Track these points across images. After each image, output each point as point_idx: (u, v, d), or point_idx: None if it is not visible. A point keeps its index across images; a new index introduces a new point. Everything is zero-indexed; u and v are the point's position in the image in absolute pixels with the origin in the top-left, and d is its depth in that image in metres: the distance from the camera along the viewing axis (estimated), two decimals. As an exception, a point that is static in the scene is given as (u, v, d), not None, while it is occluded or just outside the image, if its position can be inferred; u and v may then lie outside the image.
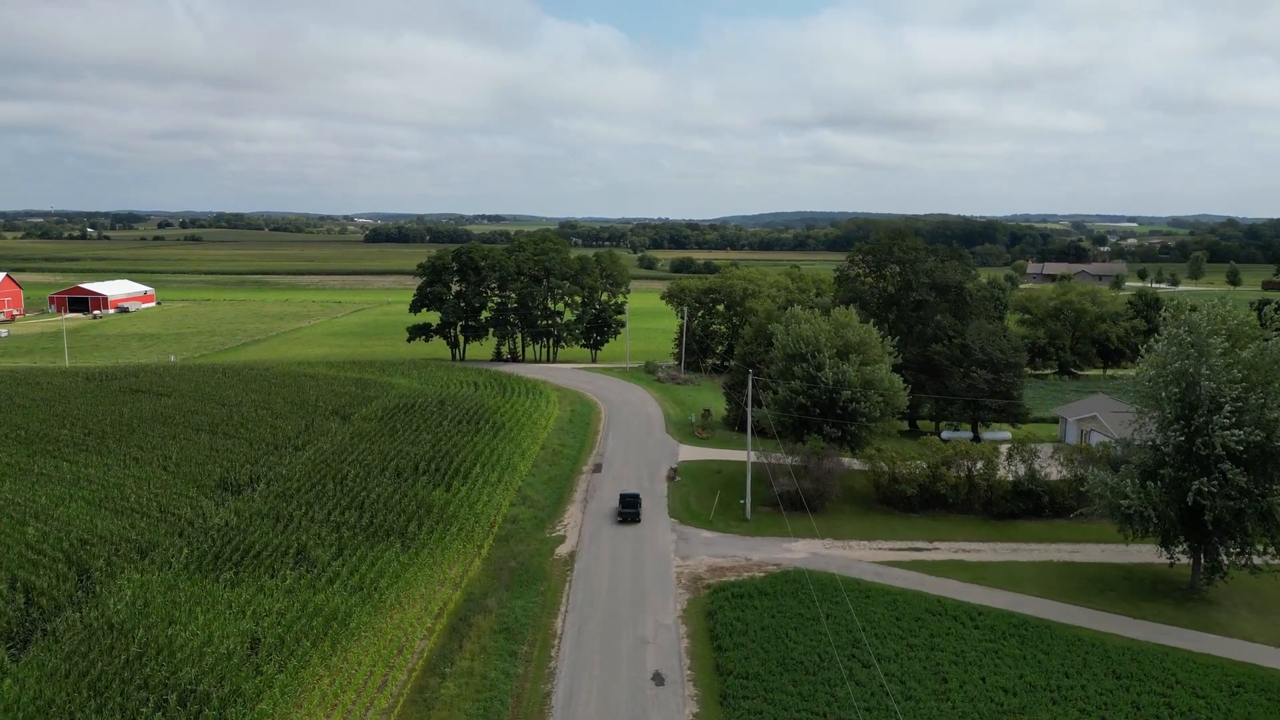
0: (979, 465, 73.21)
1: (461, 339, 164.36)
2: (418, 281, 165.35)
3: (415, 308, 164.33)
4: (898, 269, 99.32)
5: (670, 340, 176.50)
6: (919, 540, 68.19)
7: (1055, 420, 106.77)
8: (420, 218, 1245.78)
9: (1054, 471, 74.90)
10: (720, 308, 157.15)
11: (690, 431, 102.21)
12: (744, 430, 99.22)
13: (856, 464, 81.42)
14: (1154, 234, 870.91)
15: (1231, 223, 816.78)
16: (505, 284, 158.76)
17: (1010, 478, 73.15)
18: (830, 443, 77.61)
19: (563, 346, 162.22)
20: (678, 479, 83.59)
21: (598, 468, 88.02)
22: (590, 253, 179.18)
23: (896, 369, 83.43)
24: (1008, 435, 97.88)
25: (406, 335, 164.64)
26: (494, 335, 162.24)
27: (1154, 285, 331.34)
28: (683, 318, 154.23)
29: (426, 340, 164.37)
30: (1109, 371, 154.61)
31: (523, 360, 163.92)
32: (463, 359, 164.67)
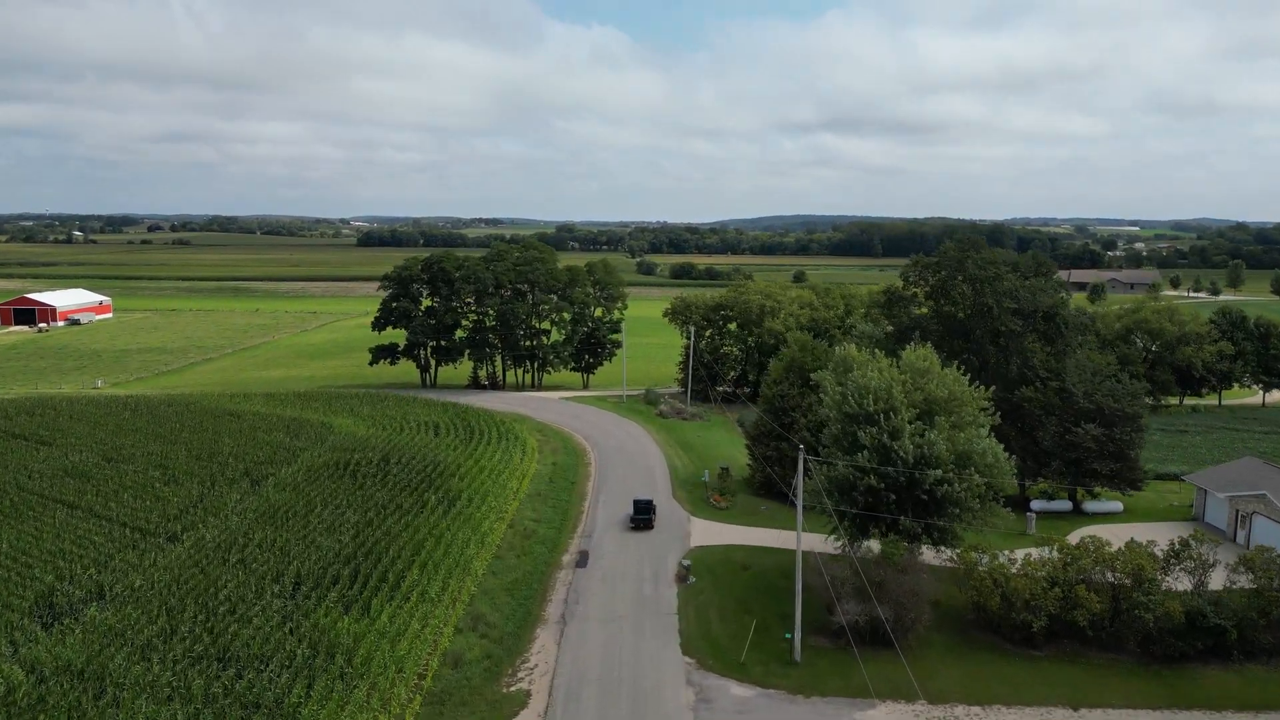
0: (1128, 581, 50.81)
1: (432, 362, 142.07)
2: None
3: (379, 325, 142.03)
4: (968, 289, 76.91)
5: (673, 361, 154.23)
6: (1056, 704, 45.75)
7: (1171, 476, 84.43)
8: (416, 221, 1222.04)
9: (1213, 574, 52.83)
10: (732, 326, 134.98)
11: (704, 497, 79.80)
12: (773, 495, 76.99)
13: (931, 555, 59.33)
14: (1159, 238, 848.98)
15: (1241, 226, 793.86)
16: (482, 298, 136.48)
17: (1172, 593, 50.73)
18: (910, 539, 55.35)
19: (549, 371, 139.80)
20: (691, 580, 61.12)
21: (582, 558, 65.56)
22: (583, 261, 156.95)
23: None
24: (1119, 507, 75.46)
25: (369, 357, 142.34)
26: (470, 358, 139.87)
27: (1191, 294, 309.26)
28: (688, 338, 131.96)
29: (392, 363, 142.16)
30: (1188, 401, 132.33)
31: (503, 387, 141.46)
32: (433, 384, 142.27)
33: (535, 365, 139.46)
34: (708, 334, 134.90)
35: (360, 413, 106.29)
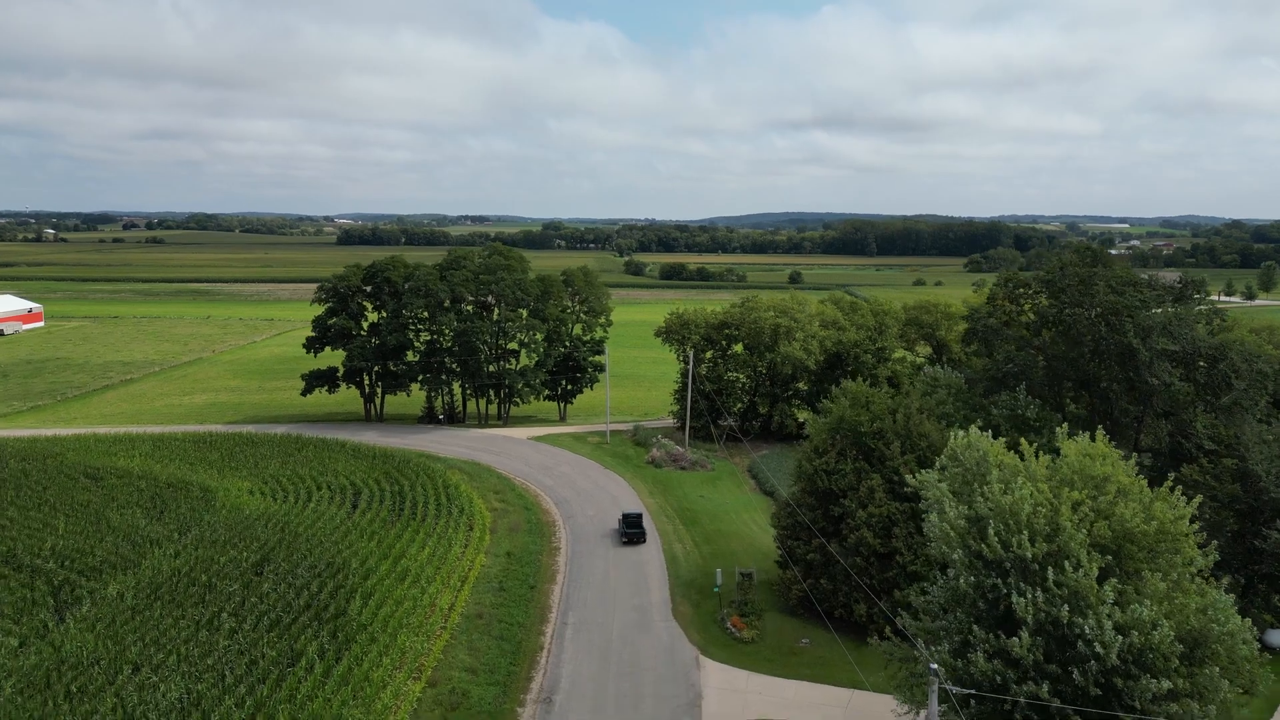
0: None
1: (378, 390, 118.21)
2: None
3: (314, 346, 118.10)
4: (1098, 320, 53.75)
5: (667, 384, 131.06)
6: None
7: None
8: (400, 219, 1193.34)
9: None
10: (738, 348, 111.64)
11: (717, 616, 56.23)
12: (813, 613, 53.69)
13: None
14: (1151, 235, 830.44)
15: (1238, 225, 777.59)
16: (437, 314, 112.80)
17: None
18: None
19: (517, 403, 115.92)
20: (709, 811, 37.61)
21: (536, 753, 42.07)
22: (570, 262, 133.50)
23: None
24: (1321, 639, 52.26)
25: (303, 384, 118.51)
26: (422, 387, 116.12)
27: (1224, 299, 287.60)
28: (686, 362, 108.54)
29: (330, 391, 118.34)
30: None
31: (462, 421, 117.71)
32: (379, 417, 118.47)
33: (501, 395, 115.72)
34: (708, 355, 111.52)
35: (265, 468, 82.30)
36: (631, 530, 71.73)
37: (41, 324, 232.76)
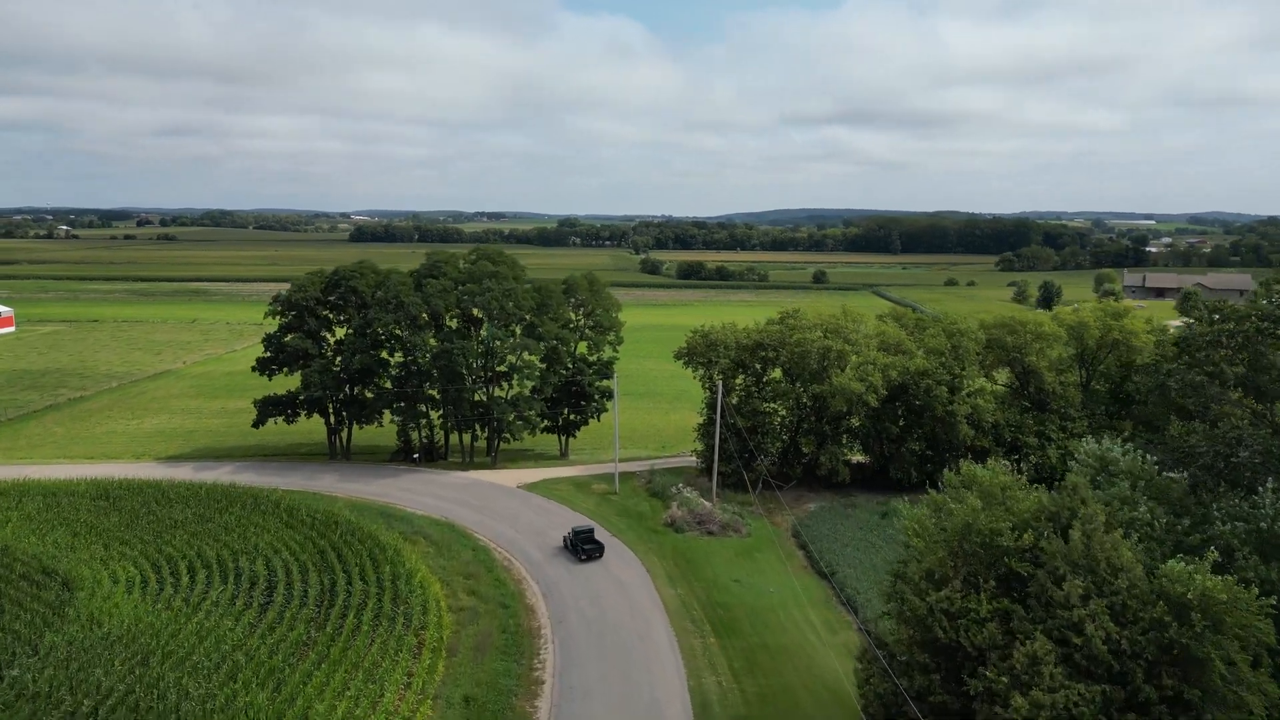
0: None
1: (346, 421, 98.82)
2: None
3: (267, 368, 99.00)
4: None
5: (689, 401, 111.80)
6: None
7: None
8: (415, 215, 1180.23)
9: None
10: (776, 373, 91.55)
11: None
12: None
13: None
14: (1181, 232, 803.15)
15: (1274, 221, 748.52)
16: (414, 332, 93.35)
17: None
18: None
19: (508, 439, 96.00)
20: None
21: None
22: (576, 268, 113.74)
23: None
24: None
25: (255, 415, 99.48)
26: (394, 419, 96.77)
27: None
28: (713, 391, 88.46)
29: (289, 421, 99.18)
30: None
31: (444, 458, 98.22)
32: (345, 453, 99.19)
33: (490, 429, 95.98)
34: (739, 381, 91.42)
35: (167, 542, 62.80)
36: (588, 546, 67.63)
37: (12, 329, 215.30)
